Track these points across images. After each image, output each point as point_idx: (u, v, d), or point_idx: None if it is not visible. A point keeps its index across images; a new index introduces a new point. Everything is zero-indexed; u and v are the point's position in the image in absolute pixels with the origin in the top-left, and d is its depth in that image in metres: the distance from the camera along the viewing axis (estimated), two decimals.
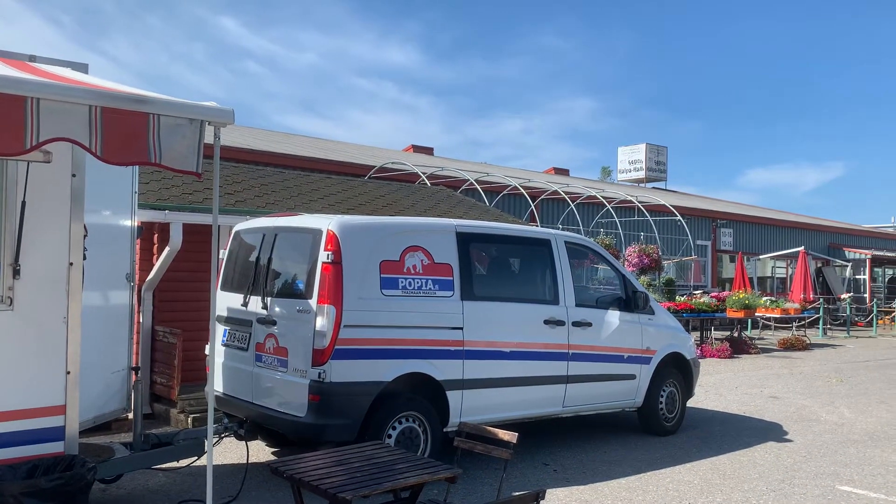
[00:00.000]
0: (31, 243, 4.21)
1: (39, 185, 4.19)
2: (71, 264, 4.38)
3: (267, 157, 16.24)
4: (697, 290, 23.88)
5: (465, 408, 6.57)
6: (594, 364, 7.61)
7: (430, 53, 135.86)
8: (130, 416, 8.63)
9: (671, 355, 8.46)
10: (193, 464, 6.45)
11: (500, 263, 7.39)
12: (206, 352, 7.12)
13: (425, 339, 6.33)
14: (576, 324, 7.42)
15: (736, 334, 18.61)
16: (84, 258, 4.74)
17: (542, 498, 3.33)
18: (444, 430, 6.56)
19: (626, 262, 18.92)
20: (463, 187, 18.25)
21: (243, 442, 6.63)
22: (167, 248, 8.28)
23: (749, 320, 22.22)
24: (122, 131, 3.18)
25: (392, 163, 18.21)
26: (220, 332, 6.94)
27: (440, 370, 6.39)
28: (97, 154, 3.15)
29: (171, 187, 8.86)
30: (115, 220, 5.69)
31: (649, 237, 20.32)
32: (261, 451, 7.26)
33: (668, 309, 16.55)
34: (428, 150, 33.14)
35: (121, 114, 3.18)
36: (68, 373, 4.39)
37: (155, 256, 8.71)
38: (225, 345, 6.85)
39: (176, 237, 8.26)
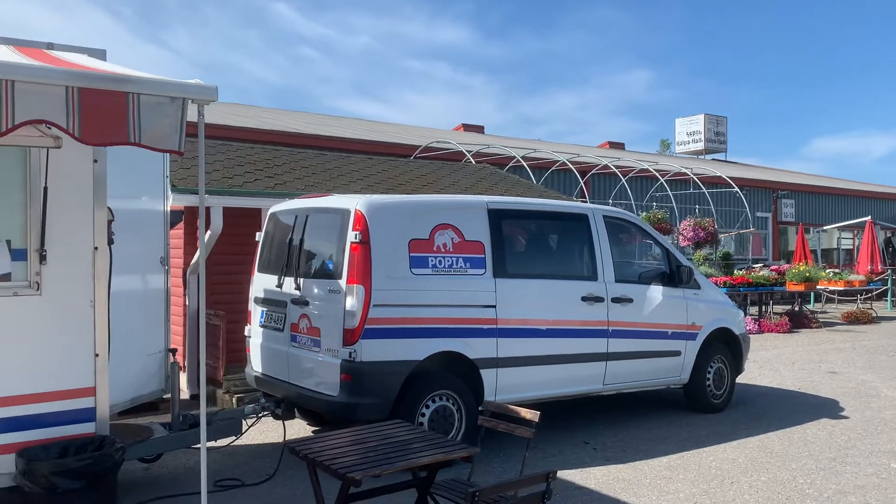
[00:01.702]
0: (55, 229, 4.29)
1: (61, 171, 4.27)
2: (96, 249, 4.46)
3: (311, 140, 16.35)
4: (757, 263, 23.20)
5: (500, 386, 6.51)
6: (636, 341, 7.44)
7: (482, 31, 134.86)
8: (182, 396, 8.89)
9: (719, 331, 8.21)
10: (233, 443, 6.58)
11: (534, 240, 7.25)
12: (246, 333, 7.23)
13: (457, 317, 6.27)
14: (615, 300, 7.25)
15: (797, 308, 18.03)
16: (111, 242, 4.82)
17: (554, 478, 3.24)
18: (480, 408, 6.50)
19: (681, 237, 18.49)
20: (510, 164, 18.07)
21: (281, 421, 6.69)
22: (209, 232, 8.40)
23: (811, 294, 21.52)
24: (101, 111, 3.19)
25: (437, 142, 18.12)
26: (257, 313, 7.03)
27: (473, 349, 6.33)
28: (74, 135, 3.17)
29: (211, 172, 8.97)
30: (146, 205, 5.77)
31: (705, 210, 19.78)
32: (302, 430, 7.33)
33: (724, 283, 16.16)
34: (478, 129, 32.90)
35: (99, 94, 3.18)
36: (97, 355, 4.49)
37: (198, 240, 8.84)
38: (262, 325, 6.93)
39: (217, 221, 8.37)
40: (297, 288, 6.41)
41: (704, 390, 8.11)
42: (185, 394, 9.04)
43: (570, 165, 18.14)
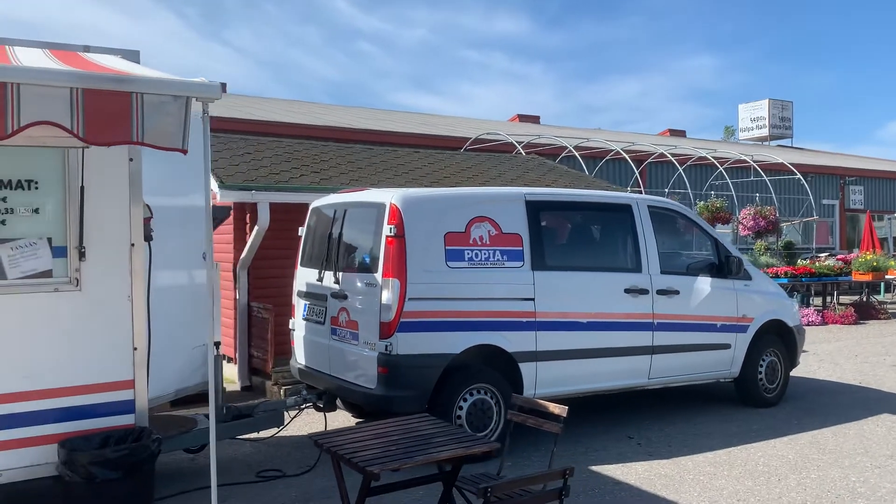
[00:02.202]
0: (92, 226, 4.43)
1: (97, 169, 4.40)
2: (132, 245, 4.58)
3: (362, 135, 16.48)
4: (823, 252, 22.42)
5: (540, 380, 6.45)
6: (683, 334, 7.27)
7: (540, 20, 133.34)
8: (232, 387, 9.11)
9: (771, 322, 7.96)
10: (278, 435, 6.69)
11: (575, 231, 7.16)
12: (291, 326, 7.34)
13: (494, 310, 6.23)
14: (661, 292, 7.10)
15: (864, 299, 17.34)
16: (150, 238, 4.95)
17: (571, 475, 3.19)
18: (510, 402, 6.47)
19: (741, 226, 18.00)
20: (562, 155, 17.87)
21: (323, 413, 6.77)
22: (256, 228, 8.55)
23: (881, 284, 20.69)
24: (105, 112, 3.26)
25: (487, 133, 18.03)
26: (300, 306, 7.13)
27: (511, 342, 6.28)
28: (79, 136, 3.26)
29: (258, 168, 9.12)
30: (187, 202, 5.90)
31: (766, 198, 19.19)
32: (347, 422, 7.41)
33: (785, 273, 15.67)
34: (534, 119, 32.62)
35: (103, 94, 3.26)
36: (135, 349, 4.61)
37: (248, 236, 9.02)
38: (305, 319, 7.02)
39: (263, 216, 8.51)
40: (337, 282, 6.47)
41: (756, 384, 7.88)
42: (236, 385, 9.27)
43: (625, 154, 17.82)
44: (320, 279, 6.73)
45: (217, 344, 6.18)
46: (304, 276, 7.06)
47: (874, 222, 21.86)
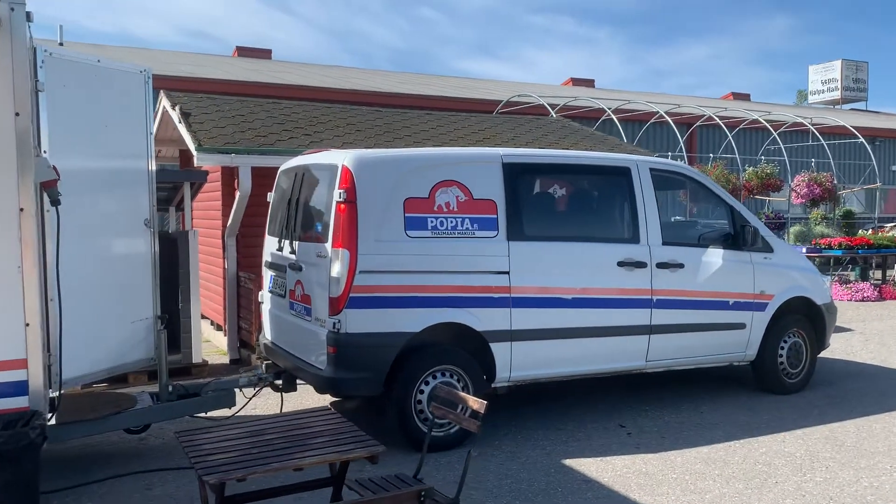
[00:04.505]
0: None
1: None
2: (21, 210, 4.13)
3: (389, 98, 15.89)
4: (891, 222, 20.85)
5: (515, 362, 5.82)
6: (687, 312, 6.51)
7: None
8: (223, 359, 8.75)
9: (796, 300, 7.11)
10: (239, 413, 6.25)
11: (561, 198, 6.43)
12: (259, 299, 6.87)
13: (462, 285, 5.60)
14: (661, 265, 6.34)
15: None
16: (57, 203, 4.49)
17: (428, 497, 2.59)
18: (493, 385, 5.87)
19: (794, 193, 16.77)
20: (602, 118, 16.91)
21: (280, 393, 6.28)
22: (238, 193, 8.10)
23: None
24: None
25: (519, 96, 17.16)
26: (267, 277, 6.65)
27: (481, 320, 5.65)
28: None
29: (246, 130, 8.64)
30: (123, 164, 5.44)
31: (823, 164, 17.83)
32: (320, 401, 6.93)
33: (839, 244, 14.47)
34: (588, 83, 31.40)
35: None
36: (27, 325, 4.19)
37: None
38: (270, 291, 6.55)
39: (245, 181, 8.04)
40: (293, 252, 5.95)
41: (776, 368, 7.06)
42: (226, 357, 8.91)
43: (668, 118, 16.72)
44: (280, 248, 6.23)
45: (162, 317, 5.78)
46: (270, 246, 6.57)
47: None
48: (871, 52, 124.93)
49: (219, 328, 9.55)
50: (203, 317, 10.71)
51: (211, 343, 9.81)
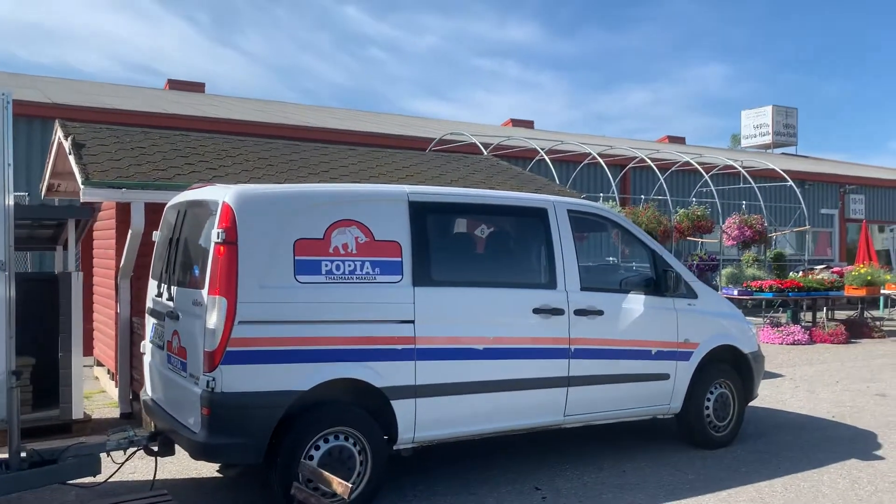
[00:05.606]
0: None
1: None
2: None
3: (316, 134, 15.40)
4: (820, 264, 21.11)
5: (420, 421, 5.27)
6: (607, 362, 6.08)
7: (552, 27, 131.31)
8: (115, 412, 7.92)
9: (722, 348, 6.78)
10: (112, 478, 5.53)
11: (473, 240, 5.99)
12: (142, 349, 6.18)
13: (360, 336, 5.05)
14: (580, 312, 5.92)
15: (859, 315, 16.07)
16: None
17: None
18: (395, 447, 5.30)
19: (725, 235, 16.77)
20: (536, 158, 16.68)
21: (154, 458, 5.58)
22: (130, 231, 7.43)
23: (881, 299, 19.38)
24: None
25: (451, 134, 16.85)
26: (149, 325, 5.98)
27: (381, 375, 5.10)
28: None
29: (143, 164, 8.00)
30: None
31: (753, 206, 17.92)
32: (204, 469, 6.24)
33: (770, 287, 14.40)
34: (528, 124, 31.54)
35: None
36: None
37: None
38: (151, 341, 5.88)
39: (137, 218, 7.39)
40: (171, 298, 5.33)
41: (702, 421, 6.68)
42: (117, 412, 8.13)
43: (600, 159, 16.58)
44: (160, 294, 5.60)
45: (15, 373, 5.07)
46: (151, 290, 5.93)
47: (879, 233, 20.57)
48: (801, 98, 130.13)
49: (112, 377, 8.77)
50: (99, 364, 9.91)
51: (107, 394, 9.01)
